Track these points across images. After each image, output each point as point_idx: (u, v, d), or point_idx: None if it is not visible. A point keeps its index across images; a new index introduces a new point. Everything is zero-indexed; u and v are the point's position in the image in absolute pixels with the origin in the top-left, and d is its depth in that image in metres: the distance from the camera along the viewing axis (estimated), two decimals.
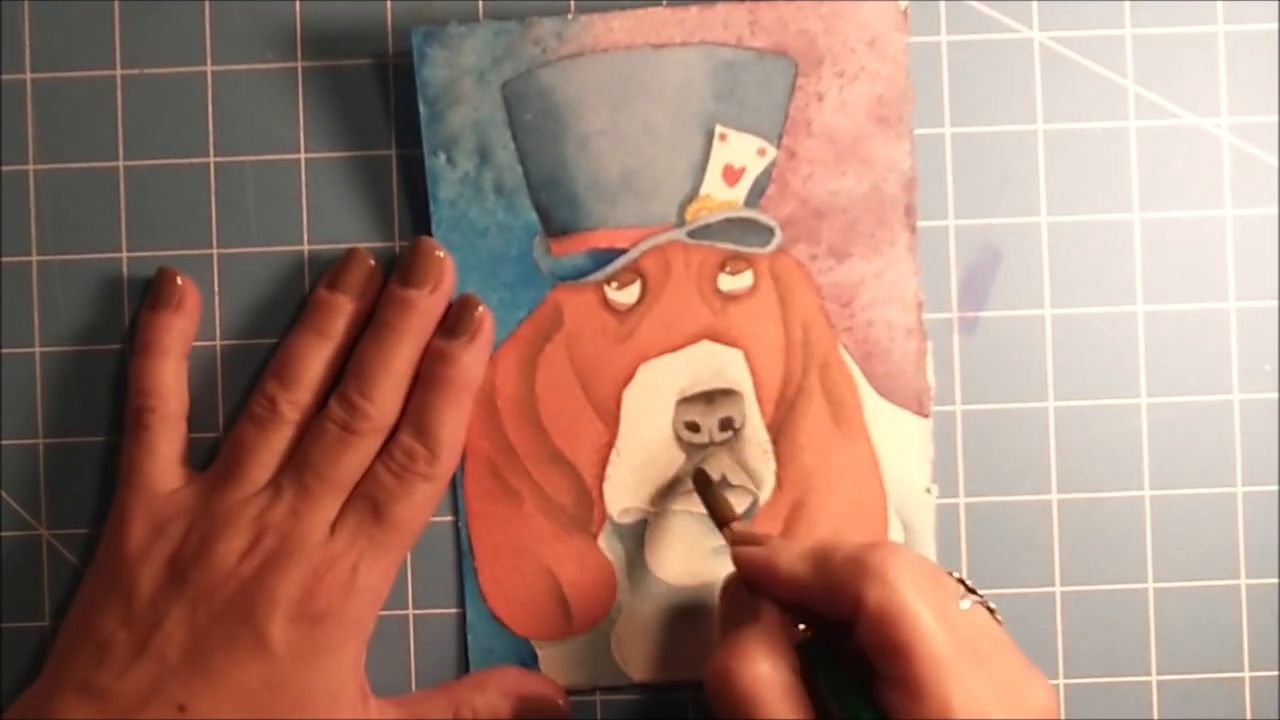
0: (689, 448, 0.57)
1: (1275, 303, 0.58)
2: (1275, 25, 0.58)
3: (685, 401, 0.57)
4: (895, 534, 0.57)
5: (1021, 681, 0.48)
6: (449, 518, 0.58)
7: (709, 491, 0.56)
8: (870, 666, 0.48)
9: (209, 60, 0.58)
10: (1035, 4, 0.58)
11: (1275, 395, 0.58)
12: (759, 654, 0.49)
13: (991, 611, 0.51)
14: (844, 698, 0.48)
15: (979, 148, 0.58)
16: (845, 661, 0.49)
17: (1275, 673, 0.58)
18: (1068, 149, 0.58)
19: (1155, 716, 0.58)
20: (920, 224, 0.58)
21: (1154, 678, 0.58)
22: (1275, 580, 0.58)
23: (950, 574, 0.51)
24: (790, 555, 0.51)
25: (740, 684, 0.48)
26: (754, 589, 0.52)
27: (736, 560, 0.53)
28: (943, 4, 0.58)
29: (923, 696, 0.46)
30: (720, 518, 0.55)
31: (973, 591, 0.51)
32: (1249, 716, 0.58)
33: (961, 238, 0.58)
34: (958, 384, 0.58)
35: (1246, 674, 0.58)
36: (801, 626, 0.50)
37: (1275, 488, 0.58)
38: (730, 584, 0.54)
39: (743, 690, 0.48)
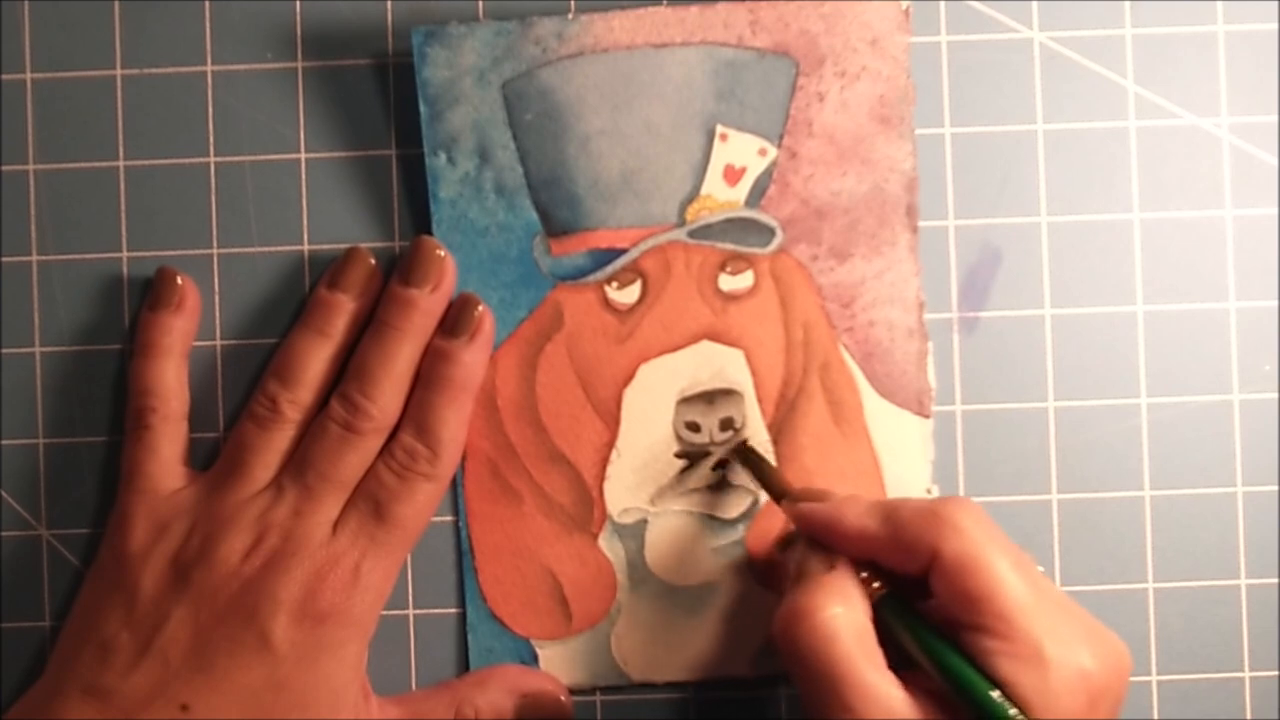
0: (689, 447, 0.58)
1: (1275, 303, 0.58)
2: (1275, 25, 0.58)
3: (685, 401, 0.57)
4: None
5: (1100, 630, 0.49)
6: (449, 518, 0.58)
7: (758, 463, 0.56)
8: (951, 618, 0.48)
9: (209, 60, 0.58)
10: (1035, 4, 0.58)
11: (1275, 395, 0.58)
12: (834, 596, 0.49)
13: None
14: (932, 648, 0.48)
15: (979, 148, 0.58)
16: (923, 615, 0.49)
17: (1275, 673, 0.58)
18: (1068, 149, 0.58)
19: (1155, 716, 0.58)
20: (920, 224, 0.58)
21: (1154, 678, 0.58)
22: (1275, 580, 0.58)
23: None
24: (857, 509, 0.51)
25: (812, 622, 0.48)
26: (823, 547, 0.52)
27: (801, 517, 0.53)
28: (943, 4, 0.58)
29: (1013, 638, 0.46)
30: (776, 487, 0.55)
31: None
32: (1249, 716, 0.58)
33: (961, 238, 0.58)
34: (958, 384, 0.58)
35: (1246, 674, 0.58)
36: (877, 584, 0.50)
37: (1275, 488, 0.58)
38: (803, 546, 0.53)
39: (816, 629, 0.48)
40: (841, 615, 0.48)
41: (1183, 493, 0.58)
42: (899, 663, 0.48)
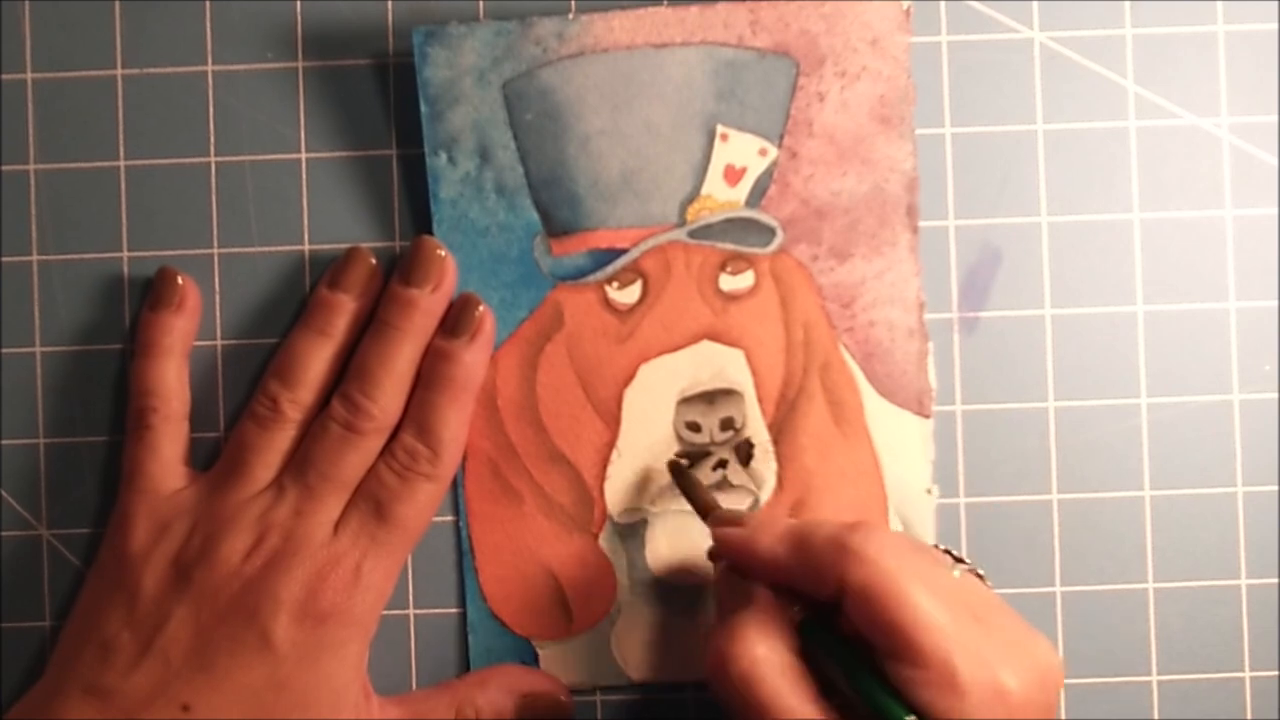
0: (689, 448, 0.58)
1: (1275, 303, 0.58)
2: (1275, 25, 0.58)
3: (686, 401, 0.57)
4: None
5: (1025, 639, 0.48)
6: (450, 517, 0.58)
7: (685, 479, 0.56)
8: (868, 644, 0.47)
9: (209, 60, 0.58)
10: (1035, 4, 0.58)
11: (1275, 395, 0.58)
12: (755, 636, 0.49)
13: (981, 578, 0.51)
14: (850, 673, 0.47)
15: (979, 148, 0.58)
16: (844, 638, 0.49)
17: (1275, 673, 0.58)
18: (1068, 149, 0.58)
19: (1155, 716, 0.58)
20: (920, 224, 0.58)
21: (1154, 678, 0.58)
22: (1275, 580, 0.58)
23: (936, 546, 0.51)
24: (770, 537, 0.50)
25: (738, 667, 0.48)
26: (741, 572, 0.52)
27: (717, 541, 0.53)
28: (943, 4, 0.58)
29: (926, 664, 0.46)
30: (701, 505, 0.55)
31: (960, 560, 0.51)
32: (1249, 716, 0.58)
33: (961, 238, 0.58)
34: (958, 384, 0.58)
35: (1246, 674, 0.58)
36: (796, 608, 0.50)
37: (1275, 488, 0.58)
38: (724, 569, 0.54)
39: (741, 673, 0.48)
40: (763, 657, 0.48)
41: (1183, 493, 0.58)
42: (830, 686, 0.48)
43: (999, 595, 0.50)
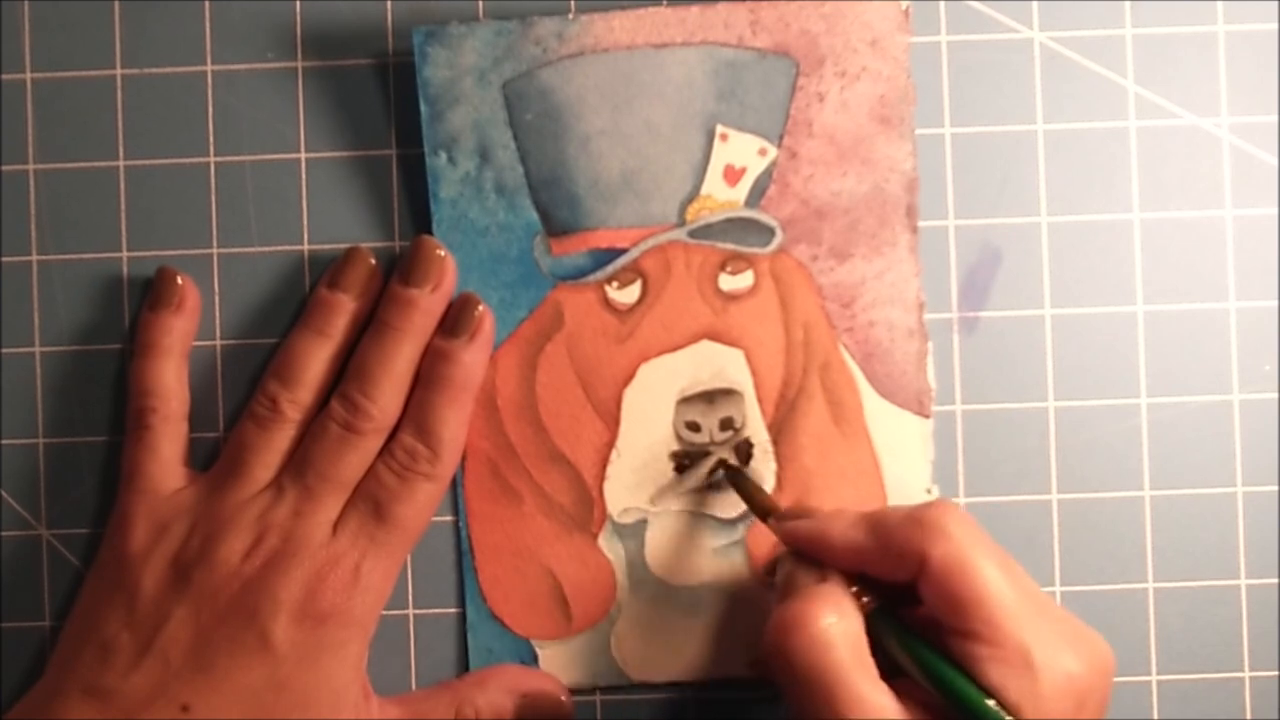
0: (689, 447, 0.58)
1: (1275, 303, 0.58)
2: (1275, 25, 0.58)
3: (685, 401, 0.57)
4: None
5: (1082, 628, 0.48)
6: (449, 518, 0.58)
7: (743, 482, 0.57)
8: (939, 624, 0.48)
9: (209, 60, 0.58)
10: (1035, 4, 0.58)
11: (1275, 395, 0.58)
12: (828, 606, 0.48)
13: None
14: (923, 658, 0.47)
15: (979, 148, 0.58)
16: (913, 626, 0.49)
17: (1275, 673, 0.58)
18: (1068, 149, 0.58)
19: (1155, 716, 0.58)
20: (920, 224, 0.58)
21: (1154, 677, 0.58)
22: (1275, 580, 0.58)
23: None
24: (843, 523, 0.50)
25: (809, 632, 0.48)
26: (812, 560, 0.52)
27: (789, 534, 0.52)
28: (943, 4, 0.58)
29: (1001, 643, 0.46)
30: (760, 507, 0.55)
31: None
32: (1249, 716, 0.58)
33: (961, 238, 0.58)
34: (958, 384, 0.58)
35: (1246, 674, 0.58)
36: (867, 599, 0.50)
37: (1275, 488, 0.58)
38: (790, 561, 0.53)
39: (812, 638, 0.47)
40: (836, 624, 0.48)
41: (1183, 493, 0.58)
42: (890, 673, 0.48)
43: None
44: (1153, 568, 0.58)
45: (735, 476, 0.57)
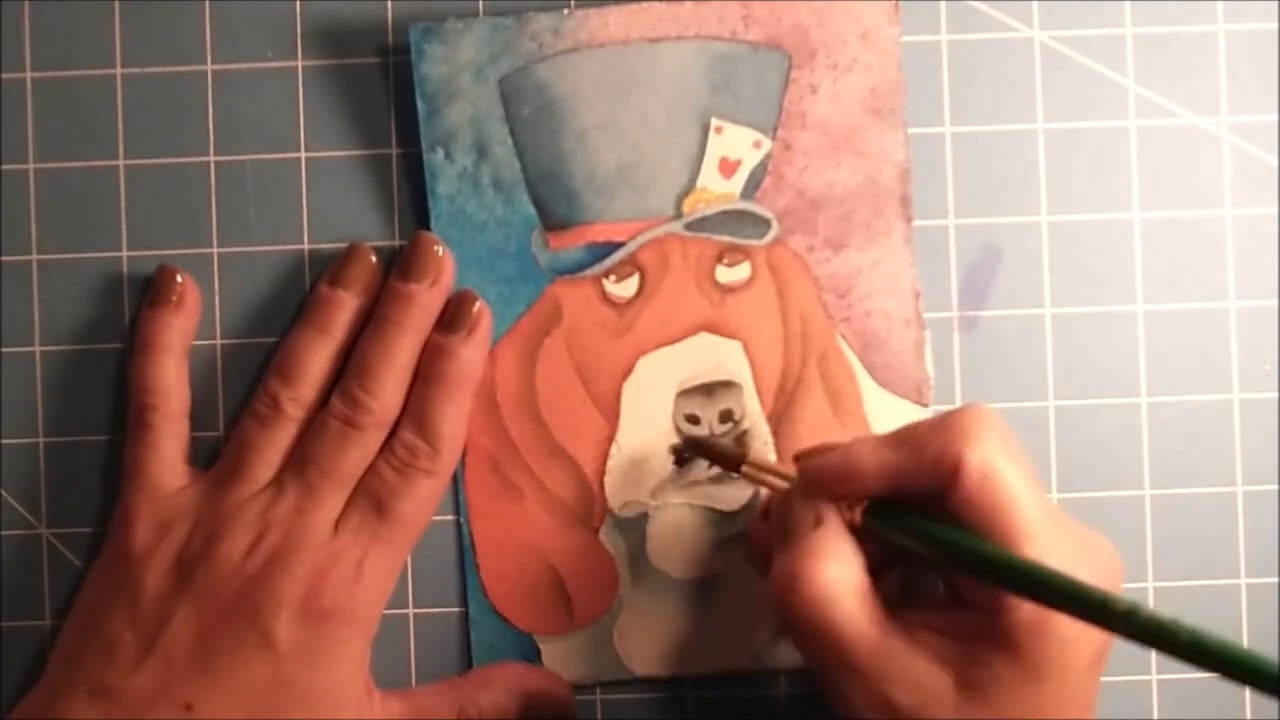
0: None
1: (1275, 303, 0.58)
2: (1275, 25, 0.58)
3: (685, 394, 0.57)
4: None
5: (1092, 540, 0.49)
6: (450, 515, 0.58)
7: (701, 445, 0.57)
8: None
9: (209, 59, 0.58)
10: (1035, 4, 0.58)
11: (1275, 395, 0.58)
12: (827, 555, 0.48)
13: None
14: (932, 535, 0.48)
15: (979, 147, 0.58)
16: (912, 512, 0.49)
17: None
18: (1068, 149, 0.58)
19: (1155, 716, 0.58)
20: (920, 223, 0.58)
21: (1154, 677, 0.58)
22: (1275, 580, 0.58)
23: None
24: (868, 446, 0.50)
25: (811, 589, 0.48)
26: (822, 496, 0.51)
27: (811, 476, 0.51)
28: (943, 3, 0.58)
29: (1026, 549, 0.46)
30: (731, 458, 0.55)
31: None
32: (1249, 716, 0.58)
33: (961, 237, 0.58)
34: (958, 384, 0.58)
35: None
36: (857, 508, 0.50)
37: (1275, 488, 0.58)
38: (771, 502, 0.53)
39: (814, 596, 0.48)
40: (837, 577, 0.48)
41: (1183, 492, 0.58)
42: (900, 598, 0.48)
43: None
44: (1152, 566, 0.58)
45: (691, 445, 0.57)
